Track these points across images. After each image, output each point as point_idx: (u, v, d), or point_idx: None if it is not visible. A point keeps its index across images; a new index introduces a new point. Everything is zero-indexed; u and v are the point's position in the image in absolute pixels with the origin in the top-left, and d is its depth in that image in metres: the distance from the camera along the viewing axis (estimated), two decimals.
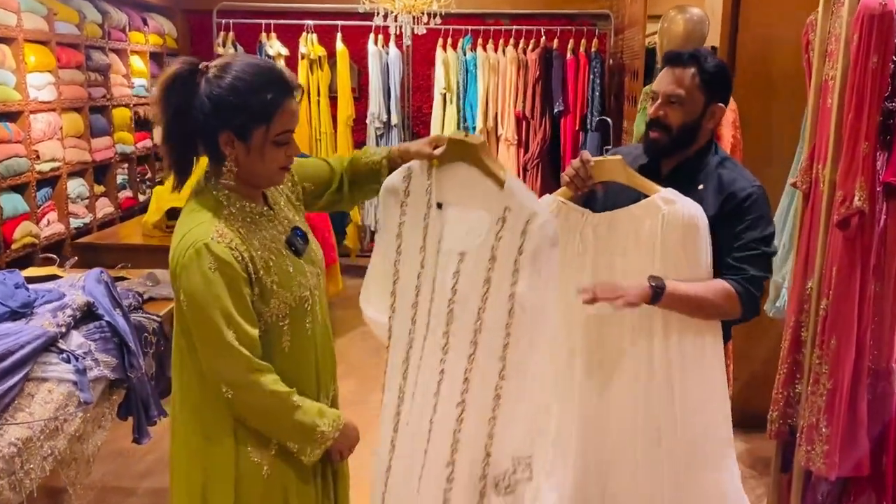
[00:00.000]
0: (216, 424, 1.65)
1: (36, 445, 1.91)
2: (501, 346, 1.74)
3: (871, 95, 2.14)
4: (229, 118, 1.56)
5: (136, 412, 2.43)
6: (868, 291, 2.24)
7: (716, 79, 2.06)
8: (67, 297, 2.30)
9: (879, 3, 2.09)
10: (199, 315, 1.56)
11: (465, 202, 1.80)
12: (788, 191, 2.96)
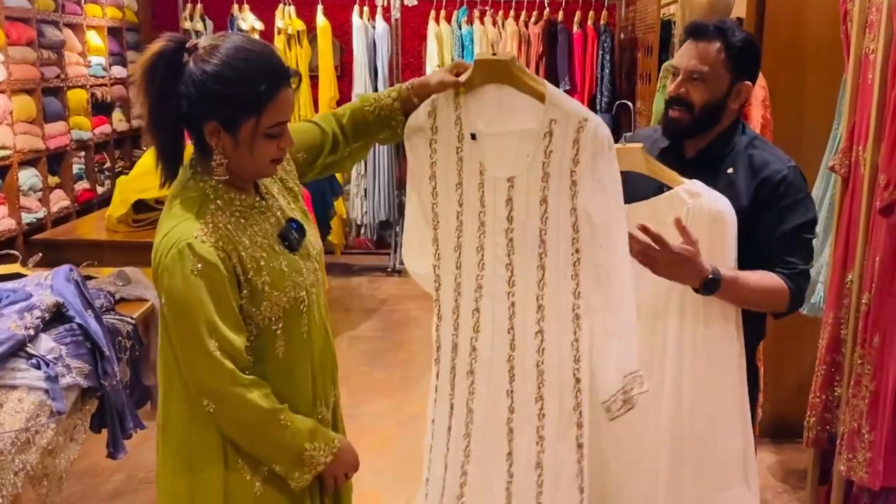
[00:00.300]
0: (205, 438, 1.67)
1: (7, 459, 1.94)
2: (571, 265, 1.83)
3: None
4: (215, 108, 1.57)
5: (111, 424, 2.45)
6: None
7: (743, 54, 2.10)
8: (35, 297, 2.32)
9: None
10: (180, 321, 1.59)
11: (502, 125, 1.84)
12: (824, 175, 3.02)
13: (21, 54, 5.23)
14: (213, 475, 1.68)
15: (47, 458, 2.14)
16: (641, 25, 6.18)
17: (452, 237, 1.93)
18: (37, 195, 5.46)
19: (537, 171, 1.82)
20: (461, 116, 1.86)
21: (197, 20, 6.52)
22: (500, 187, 1.86)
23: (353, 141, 1.94)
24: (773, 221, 2.06)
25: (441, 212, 1.93)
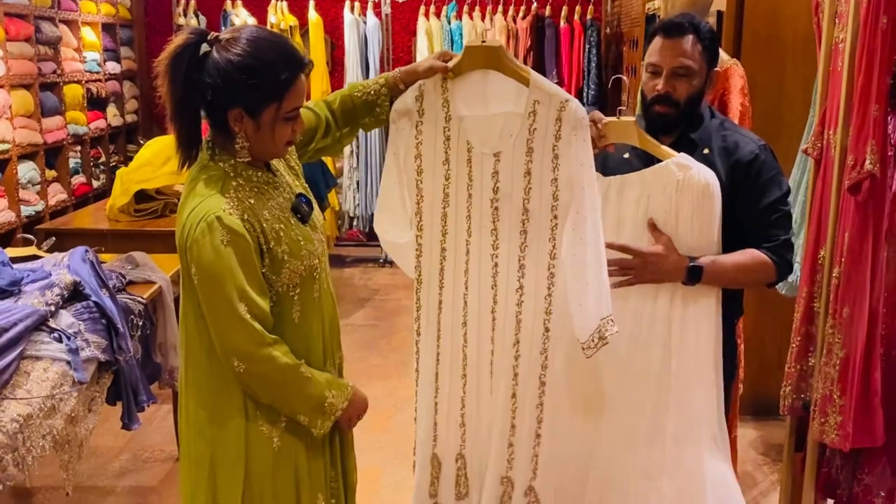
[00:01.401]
0: (225, 399, 1.81)
1: (36, 423, 2.09)
2: (549, 229, 2.08)
3: (882, 57, 2.34)
4: (241, 96, 1.70)
5: (126, 396, 2.60)
6: (880, 257, 2.45)
7: (712, 44, 2.22)
8: (54, 275, 2.47)
9: None
10: (211, 289, 1.72)
11: (486, 108, 2.08)
12: (800, 162, 3.17)
13: (19, 50, 5.35)
14: (234, 433, 1.81)
15: (69, 425, 2.28)
16: (627, 20, 6.32)
17: (438, 209, 2.15)
18: (35, 188, 5.58)
19: (522, 146, 2.05)
20: (448, 99, 2.08)
21: (191, 16, 6.64)
22: (487, 162, 2.09)
23: (342, 126, 2.09)
24: (751, 199, 2.18)
25: (426, 187, 2.15)
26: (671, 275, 2.11)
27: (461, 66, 2.05)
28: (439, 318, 2.20)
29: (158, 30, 7.30)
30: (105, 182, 6.62)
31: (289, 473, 1.87)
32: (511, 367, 2.13)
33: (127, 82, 7.17)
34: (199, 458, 1.86)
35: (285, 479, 1.86)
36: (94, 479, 3.46)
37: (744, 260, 2.16)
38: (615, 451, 2.24)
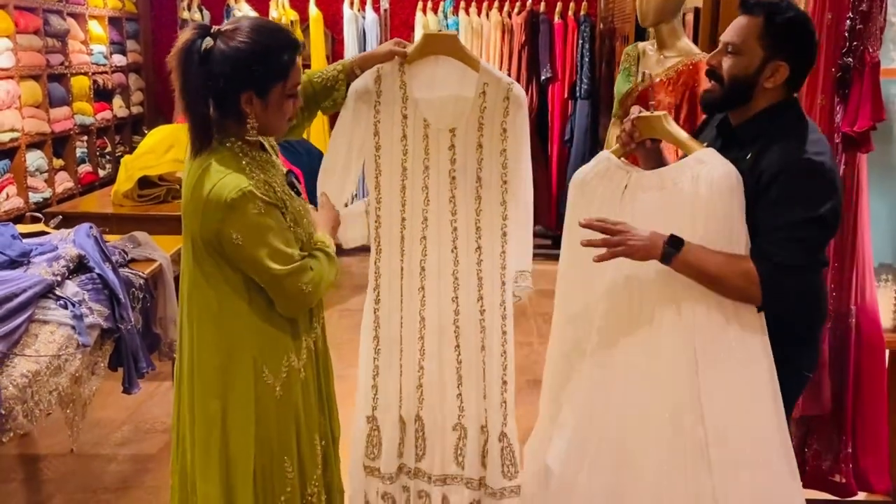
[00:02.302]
0: (234, 357, 2.00)
1: (43, 379, 2.29)
2: (501, 194, 2.42)
3: (827, 51, 2.55)
4: (251, 79, 1.86)
5: (127, 363, 2.80)
6: None
7: (782, 33, 2.02)
8: (60, 249, 2.67)
9: None
10: (249, 254, 1.90)
11: (438, 90, 2.39)
12: None
13: (28, 42, 5.55)
14: (245, 388, 2.00)
15: (74, 386, 2.49)
16: (620, 15, 6.49)
17: (397, 181, 2.44)
18: (42, 176, 5.78)
19: (474, 122, 2.38)
20: (405, 82, 2.37)
21: (195, 10, 6.83)
22: (443, 137, 2.39)
23: (304, 111, 2.30)
24: (770, 208, 2.02)
25: (384, 162, 2.44)
26: (648, 248, 2.02)
27: (419, 52, 2.34)
28: (401, 285, 2.46)
29: (163, 23, 7.49)
30: (111, 171, 6.81)
31: (290, 417, 2.07)
32: (478, 320, 2.41)
33: (133, 74, 7.37)
34: (211, 416, 2.02)
35: (287, 422, 2.06)
36: (97, 447, 3.66)
37: (730, 261, 2.02)
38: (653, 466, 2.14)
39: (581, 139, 6.73)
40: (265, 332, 2.02)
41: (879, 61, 2.58)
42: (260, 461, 2.04)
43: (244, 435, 2.02)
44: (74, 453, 3.57)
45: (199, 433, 2.05)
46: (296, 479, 2.10)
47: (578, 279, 2.28)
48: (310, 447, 2.14)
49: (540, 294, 5.95)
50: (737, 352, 2.06)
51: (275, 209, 1.93)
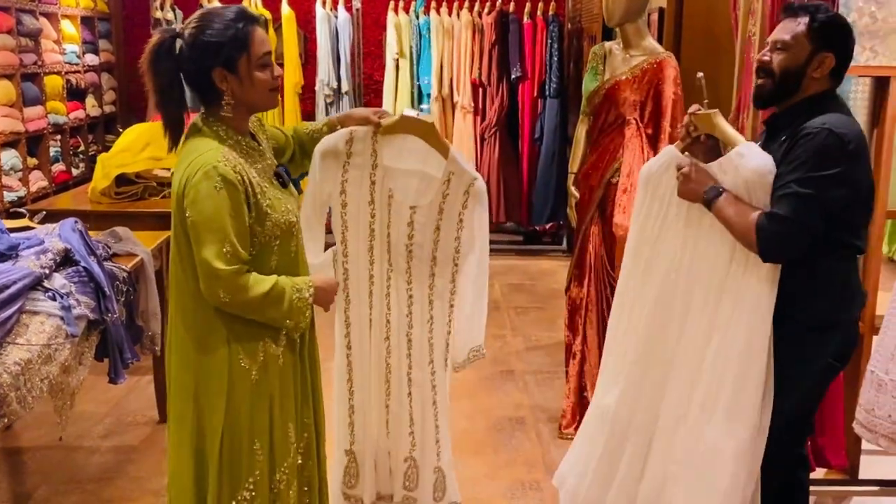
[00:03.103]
0: (210, 336, 2.09)
1: (35, 367, 2.36)
2: (451, 274, 2.61)
3: None
4: (214, 56, 1.99)
5: (112, 353, 2.87)
6: None
7: (825, 28, 2.27)
8: (47, 242, 2.74)
9: None
10: (202, 227, 1.97)
11: (409, 166, 2.50)
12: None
13: (1, 41, 5.58)
14: (218, 366, 2.09)
15: (63, 375, 2.56)
16: (587, 16, 6.61)
17: (365, 240, 2.59)
18: (17, 175, 5.81)
19: (435, 206, 2.52)
20: (377, 150, 2.48)
21: (167, 10, 6.84)
22: (404, 212, 2.53)
23: (300, 157, 2.48)
24: (782, 172, 2.23)
25: (350, 220, 2.57)
26: (696, 192, 2.34)
27: (393, 129, 2.44)
28: (370, 334, 2.63)
29: (136, 23, 7.52)
30: (84, 170, 6.84)
31: (264, 403, 2.15)
32: (429, 380, 2.66)
33: (105, 74, 7.40)
34: (184, 388, 2.13)
35: (261, 407, 2.14)
36: (81, 440, 3.72)
37: (744, 211, 2.25)
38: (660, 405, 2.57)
39: (551, 137, 6.86)
40: (238, 316, 2.09)
41: None
42: (229, 441, 2.12)
43: (215, 412, 2.11)
44: (58, 445, 3.63)
45: (173, 408, 2.17)
46: (265, 464, 2.17)
47: (643, 258, 2.63)
48: (283, 434, 2.21)
49: (512, 288, 6.10)
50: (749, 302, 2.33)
51: (234, 188, 1.98)
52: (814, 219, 2.19)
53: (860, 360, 3.04)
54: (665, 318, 2.55)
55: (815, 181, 2.17)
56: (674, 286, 2.53)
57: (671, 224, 2.54)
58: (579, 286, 3.89)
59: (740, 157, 2.29)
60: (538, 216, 6.97)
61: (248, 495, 2.14)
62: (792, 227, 2.19)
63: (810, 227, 2.20)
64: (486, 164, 6.88)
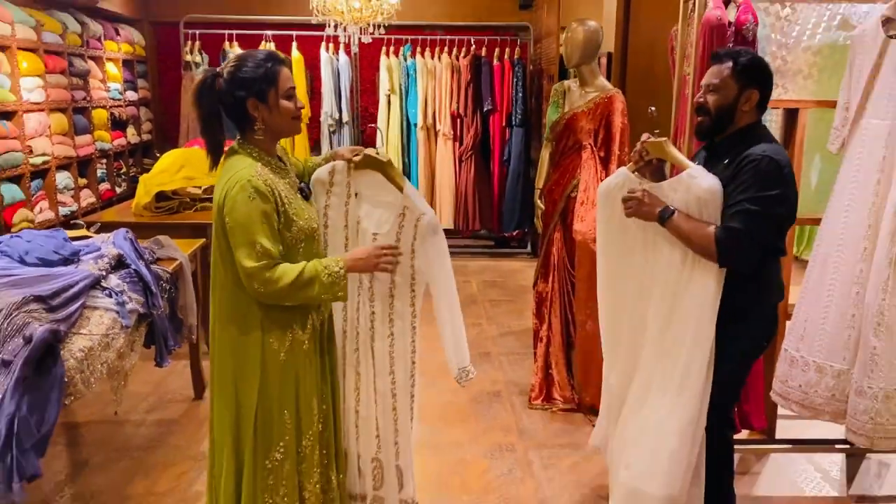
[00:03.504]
0: (247, 323, 2.10)
1: (96, 353, 2.34)
2: (410, 298, 2.44)
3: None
4: (248, 88, 2.02)
5: (158, 341, 2.86)
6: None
7: (748, 69, 2.30)
8: (103, 249, 2.72)
9: (716, 17, 2.67)
10: (238, 231, 1.99)
11: (375, 197, 2.38)
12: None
13: (56, 80, 5.51)
14: (254, 347, 2.11)
15: (118, 359, 2.54)
16: (546, 58, 6.68)
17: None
18: (70, 193, 5.74)
19: (393, 236, 2.38)
20: (350, 182, 2.40)
21: (196, 54, 6.82)
22: (368, 237, 2.40)
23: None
24: (732, 193, 2.24)
25: (329, 239, 2.44)
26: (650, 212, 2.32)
27: (360, 165, 2.37)
28: (344, 343, 2.49)
29: (168, 65, 7.46)
30: (126, 189, 6.77)
31: (291, 378, 2.17)
32: (390, 388, 2.48)
33: (143, 108, 7.33)
34: (225, 367, 2.14)
35: (288, 382, 2.16)
36: (128, 414, 3.69)
37: (699, 227, 2.26)
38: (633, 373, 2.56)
39: (517, 160, 6.90)
40: (271, 307, 2.09)
41: None
42: (262, 411, 2.13)
43: (250, 387, 2.12)
44: (109, 420, 3.61)
45: (216, 384, 2.17)
46: (293, 430, 2.19)
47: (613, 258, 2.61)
48: (307, 406, 2.22)
49: (486, 284, 6.12)
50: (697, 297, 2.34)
51: (265, 198, 1.99)
52: (762, 231, 2.23)
53: (776, 340, 3.09)
54: (640, 310, 2.54)
55: (762, 200, 2.19)
56: (640, 282, 2.53)
57: (631, 230, 2.52)
58: (545, 282, 3.92)
59: (692, 178, 2.29)
60: (507, 224, 7.01)
61: (279, 456, 2.16)
62: (746, 239, 2.21)
63: (760, 238, 2.24)
64: (463, 182, 6.90)
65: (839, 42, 2.98)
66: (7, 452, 1.79)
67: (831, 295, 2.73)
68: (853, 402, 2.66)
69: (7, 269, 2.37)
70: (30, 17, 5.19)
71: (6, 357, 1.95)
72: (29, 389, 1.95)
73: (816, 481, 3.19)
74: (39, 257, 2.52)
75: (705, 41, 2.69)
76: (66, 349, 2.25)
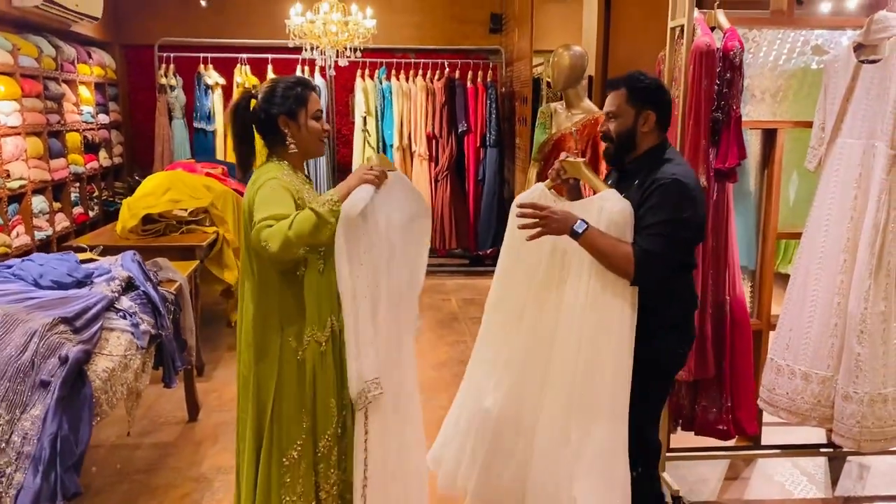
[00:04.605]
0: (269, 322, 2.21)
1: (117, 374, 2.36)
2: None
3: (705, 107, 2.86)
4: (280, 106, 2.20)
5: (166, 362, 2.87)
6: (707, 245, 2.96)
7: (641, 92, 2.34)
8: (113, 271, 2.74)
9: (705, 43, 2.83)
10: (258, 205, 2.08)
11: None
12: None
13: (32, 104, 5.46)
14: (273, 344, 2.21)
15: (134, 380, 2.56)
16: (518, 81, 6.84)
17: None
18: (45, 217, 5.66)
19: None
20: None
21: (171, 76, 6.82)
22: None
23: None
24: (644, 215, 2.27)
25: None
26: (562, 227, 2.26)
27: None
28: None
29: (139, 87, 7.43)
30: (98, 213, 6.70)
31: (308, 377, 2.24)
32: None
33: (114, 131, 7.27)
34: (247, 365, 2.25)
35: (305, 381, 2.23)
36: (123, 439, 3.65)
37: (615, 248, 2.24)
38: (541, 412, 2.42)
39: (491, 179, 7.04)
40: (290, 306, 2.20)
41: (741, 115, 2.93)
42: (278, 407, 2.21)
43: (268, 384, 2.21)
44: (103, 444, 3.58)
45: (241, 383, 2.26)
46: (309, 430, 2.25)
47: (515, 274, 2.54)
48: (325, 407, 2.28)
49: (467, 302, 6.21)
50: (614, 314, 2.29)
51: (286, 190, 2.12)
52: (675, 253, 2.30)
53: (761, 349, 3.23)
54: (539, 328, 2.45)
55: (673, 224, 2.24)
56: (546, 298, 2.44)
57: (537, 245, 2.41)
58: None
59: (604, 200, 2.31)
60: (482, 243, 7.12)
61: (296, 455, 2.23)
62: (660, 260, 2.26)
63: (673, 259, 2.30)
64: (439, 201, 7.01)
65: (811, 67, 3.17)
66: (52, 471, 1.81)
67: (814, 305, 2.89)
68: (840, 406, 2.81)
69: (25, 292, 2.38)
70: (6, 41, 5.15)
71: (44, 377, 1.97)
72: (66, 409, 1.97)
73: (804, 484, 3.33)
74: (54, 280, 2.53)
75: (695, 67, 2.84)
76: (90, 370, 2.26)
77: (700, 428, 3.14)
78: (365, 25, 5.84)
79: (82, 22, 6.17)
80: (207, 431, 3.76)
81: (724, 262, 3.01)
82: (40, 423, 1.89)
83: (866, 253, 2.75)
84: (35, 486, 1.77)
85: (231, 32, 7.06)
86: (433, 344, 5.20)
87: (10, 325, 2.06)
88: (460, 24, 7.51)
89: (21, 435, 1.86)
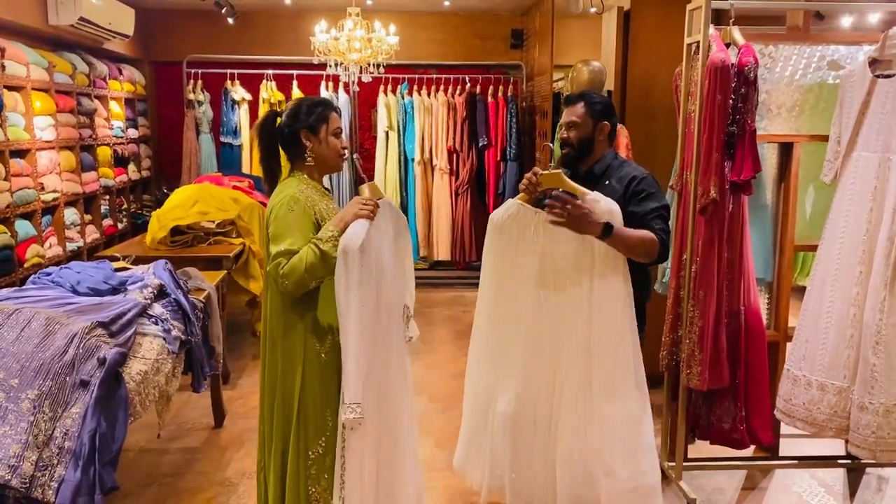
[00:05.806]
0: (292, 325, 2.30)
1: (150, 377, 2.47)
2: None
3: (719, 121, 2.92)
4: (303, 121, 2.34)
5: (195, 368, 2.98)
6: (723, 256, 3.02)
7: (598, 107, 2.68)
8: (146, 279, 2.85)
9: (720, 59, 2.89)
10: (275, 231, 2.24)
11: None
12: (668, 195, 3.73)
13: (66, 119, 5.65)
14: (298, 347, 2.30)
15: (165, 384, 2.66)
16: (538, 96, 6.91)
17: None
18: (76, 229, 5.83)
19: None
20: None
21: (199, 92, 6.98)
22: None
23: None
24: (641, 202, 2.56)
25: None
26: (590, 227, 2.40)
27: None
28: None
29: (167, 103, 7.62)
30: (126, 225, 6.87)
31: (332, 377, 2.32)
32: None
33: (143, 145, 7.46)
34: (273, 366, 2.34)
35: (329, 379, 2.32)
36: (151, 443, 3.77)
37: (643, 234, 2.48)
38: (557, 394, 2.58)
39: (511, 193, 7.08)
40: (312, 312, 2.30)
41: (756, 129, 2.98)
42: (303, 404, 2.30)
43: (293, 382, 2.30)
44: (132, 448, 3.68)
45: (266, 383, 2.36)
46: (333, 428, 2.33)
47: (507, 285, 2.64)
48: None
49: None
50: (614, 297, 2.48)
51: (303, 210, 2.25)
52: (669, 230, 2.61)
53: (779, 361, 3.26)
54: (539, 328, 2.58)
55: (666, 208, 2.59)
56: (544, 300, 2.58)
57: (525, 254, 2.58)
58: None
59: (595, 201, 2.44)
60: None
61: (321, 450, 2.32)
62: (668, 237, 2.57)
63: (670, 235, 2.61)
64: (459, 214, 7.09)
65: (828, 81, 3.22)
66: (91, 466, 1.91)
67: (830, 316, 2.93)
68: (855, 417, 2.84)
69: (63, 297, 2.50)
70: (42, 59, 5.34)
71: (84, 377, 2.08)
72: (103, 408, 2.07)
73: (821, 495, 3.35)
74: (91, 287, 2.65)
75: (711, 82, 2.91)
76: (125, 372, 2.37)
77: (716, 437, 3.17)
78: (388, 42, 5.95)
79: (114, 39, 6.37)
80: (233, 437, 3.86)
81: (739, 272, 3.06)
82: (80, 421, 1.99)
83: (881, 264, 2.79)
84: (75, 480, 1.87)
85: (257, 49, 7.23)
86: (453, 354, 5.27)
87: (52, 328, 2.18)
88: (482, 39, 7.62)
89: (63, 431, 1.96)
